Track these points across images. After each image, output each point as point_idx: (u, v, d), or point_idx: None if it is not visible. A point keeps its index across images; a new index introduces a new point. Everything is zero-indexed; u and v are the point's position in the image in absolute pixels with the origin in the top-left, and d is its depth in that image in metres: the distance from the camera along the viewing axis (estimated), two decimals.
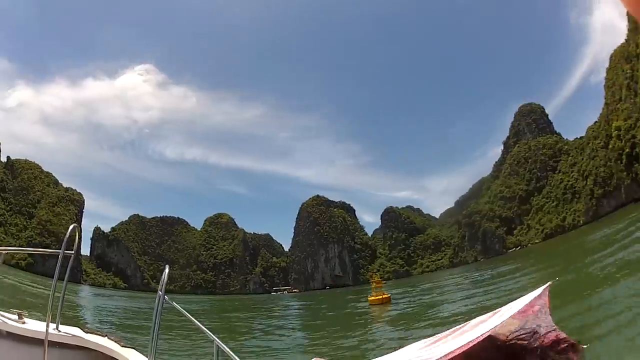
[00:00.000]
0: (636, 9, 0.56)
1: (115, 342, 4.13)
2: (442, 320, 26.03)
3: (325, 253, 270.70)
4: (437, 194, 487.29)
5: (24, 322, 3.58)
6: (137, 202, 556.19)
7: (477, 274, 77.69)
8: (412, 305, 43.99)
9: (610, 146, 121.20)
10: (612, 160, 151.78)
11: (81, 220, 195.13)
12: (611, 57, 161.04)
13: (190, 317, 3.74)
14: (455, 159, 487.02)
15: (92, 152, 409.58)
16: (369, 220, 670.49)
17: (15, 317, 3.61)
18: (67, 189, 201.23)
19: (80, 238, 4.26)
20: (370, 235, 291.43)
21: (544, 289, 3.07)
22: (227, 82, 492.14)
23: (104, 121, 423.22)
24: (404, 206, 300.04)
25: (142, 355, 3.93)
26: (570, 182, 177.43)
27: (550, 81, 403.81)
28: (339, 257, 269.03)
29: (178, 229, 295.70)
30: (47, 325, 3.38)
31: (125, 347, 4.03)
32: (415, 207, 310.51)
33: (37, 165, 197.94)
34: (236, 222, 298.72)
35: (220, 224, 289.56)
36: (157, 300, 3.61)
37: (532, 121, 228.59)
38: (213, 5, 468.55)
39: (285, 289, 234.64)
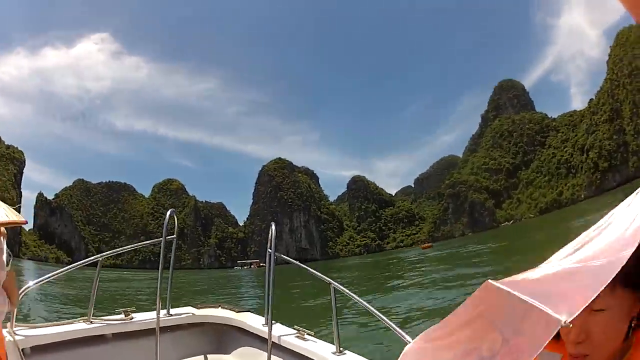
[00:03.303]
0: (633, 6, 0.55)
1: (229, 309, 4.15)
2: None
3: (290, 222, 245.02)
4: (385, 175, 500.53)
5: (131, 319, 3.56)
6: (85, 173, 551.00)
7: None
8: None
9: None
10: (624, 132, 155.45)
11: (20, 181, 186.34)
12: (617, 35, 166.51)
13: (303, 265, 3.89)
14: (402, 142, 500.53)
15: (44, 123, 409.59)
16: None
17: (122, 316, 3.59)
18: (8, 147, 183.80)
19: (176, 223, 4.05)
20: (334, 205, 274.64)
21: None
22: (180, 53, 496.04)
23: (58, 91, 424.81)
24: None
25: (258, 315, 3.95)
26: (564, 157, 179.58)
27: (509, 75, 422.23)
28: (305, 227, 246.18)
29: (124, 196, 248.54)
30: (158, 313, 3.34)
31: (240, 312, 4.06)
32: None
33: None
34: (187, 190, 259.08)
35: (170, 191, 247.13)
36: (267, 258, 3.70)
37: (514, 96, 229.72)
38: None
39: (251, 263, 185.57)
